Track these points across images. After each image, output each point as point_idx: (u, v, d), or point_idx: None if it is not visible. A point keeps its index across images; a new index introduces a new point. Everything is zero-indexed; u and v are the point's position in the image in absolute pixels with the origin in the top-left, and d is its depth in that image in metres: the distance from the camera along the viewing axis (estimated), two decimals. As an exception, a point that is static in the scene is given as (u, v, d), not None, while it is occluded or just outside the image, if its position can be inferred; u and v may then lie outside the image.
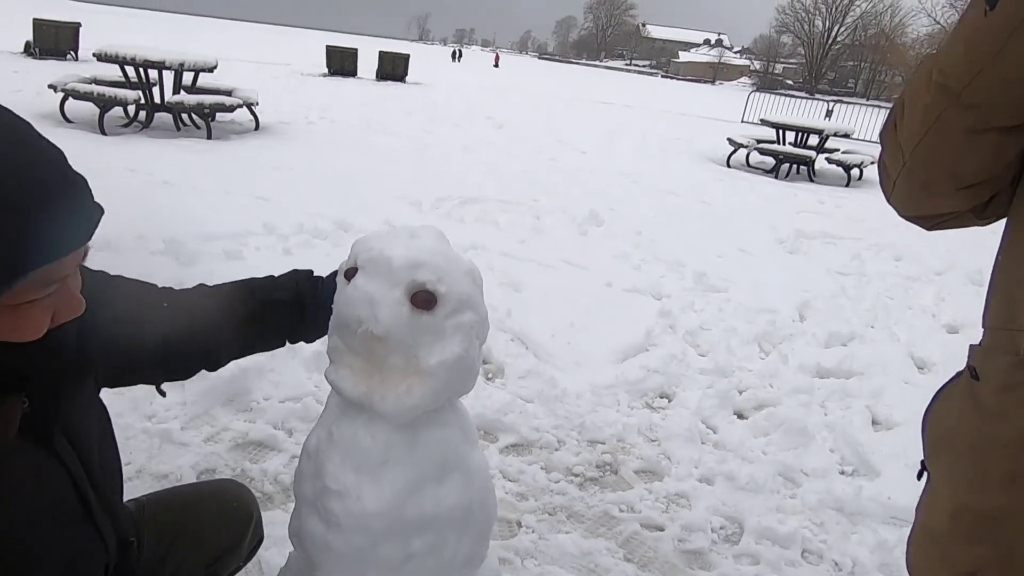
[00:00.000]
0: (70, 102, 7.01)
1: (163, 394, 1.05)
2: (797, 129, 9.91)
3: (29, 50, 13.47)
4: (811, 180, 9.44)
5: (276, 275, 1.07)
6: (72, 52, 13.78)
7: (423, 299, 0.86)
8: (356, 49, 17.95)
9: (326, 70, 17.51)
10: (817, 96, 34.92)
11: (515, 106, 15.31)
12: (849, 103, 21.43)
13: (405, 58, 18.37)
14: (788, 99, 20.50)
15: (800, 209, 7.16)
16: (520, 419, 2.55)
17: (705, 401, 2.83)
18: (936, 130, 0.76)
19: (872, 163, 9.66)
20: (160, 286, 1.01)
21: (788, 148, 9.74)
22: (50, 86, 7.03)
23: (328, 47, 17.90)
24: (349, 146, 7.58)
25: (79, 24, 14.23)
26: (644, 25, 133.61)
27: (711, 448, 2.57)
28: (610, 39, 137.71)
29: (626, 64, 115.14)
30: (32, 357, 0.67)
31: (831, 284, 4.55)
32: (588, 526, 2.09)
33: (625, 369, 3.01)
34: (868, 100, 41.93)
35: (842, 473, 2.52)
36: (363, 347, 0.89)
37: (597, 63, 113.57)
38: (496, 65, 45.62)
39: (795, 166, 9.81)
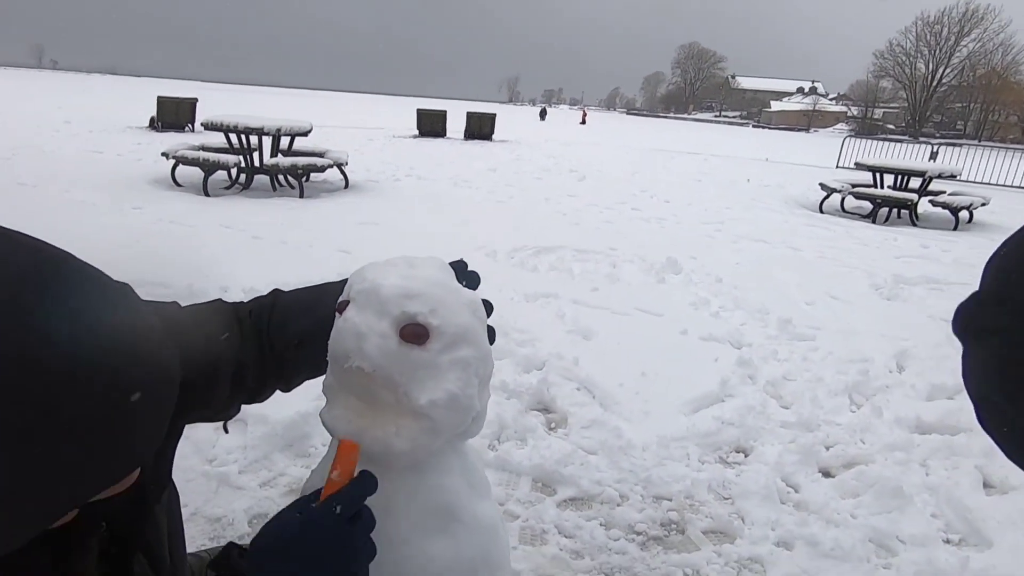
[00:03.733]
0: (180, 168, 7.62)
1: (227, 431, 1.00)
2: (896, 171, 9.39)
3: (153, 124, 14.86)
4: (913, 224, 8.87)
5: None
6: (190, 124, 15.09)
7: (412, 332, 0.81)
8: (445, 111, 18.71)
9: (417, 132, 18.31)
10: (922, 140, 33.25)
11: (599, 159, 15.38)
12: (958, 145, 20.24)
13: (492, 117, 18.94)
14: (887, 143, 19.57)
15: (900, 254, 6.70)
16: (581, 471, 2.43)
17: (786, 457, 2.61)
18: None
19: (983, 204, 8.99)
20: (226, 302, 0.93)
21: (886, 191, 9.23)
22: (163, 154, 7.67)
23: (419, 110, 18.76)
24: (432, 201, 7.80)
25: (196, 99, 15.61)
26: (734, 77, 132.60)
27: (791, 509, 2.34)
28: (699, 92, 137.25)
29: (715, 116, 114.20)
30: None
31: (935, 332, 4.17)
32: (648, 590, 1.93)
33: (697, 421, 2.83)
34: (980, 141, 39.51)
35: (946, 542, 2.23)
36: (354, 384, 0.85)
37: (685, 116, 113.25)
38: (583, 122, 46.19)
39: (895, 210, 9.27)
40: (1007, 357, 0.46)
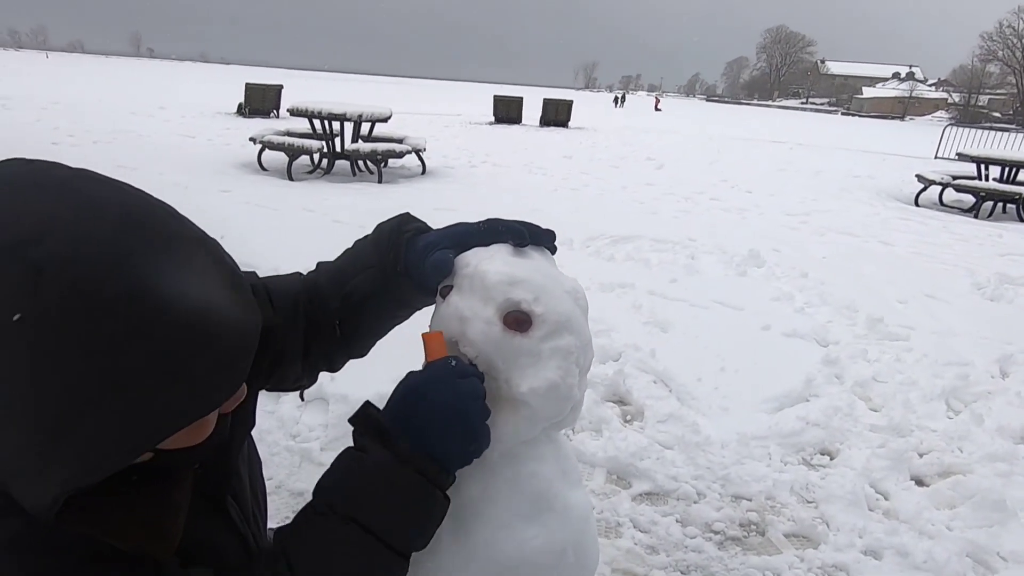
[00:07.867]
0: (266, 152, 7.90)
1: (303, 399, 1.03)
2: (1004, 163, 8.76)
3: (241, 110, 15.46)
4: (1021, 220, 8.26)
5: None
6: (275, 110, 15.63)
7: (516, 319, 0.80)
8: (521, 98, 18.68)
9: (493, 118, 18.37)
10: (1030, 128, 30.89)
11: (677, 147, 15.02)
12: (1072, 134, 18.70)
13: (568, 104, 18.78)
14: (993, 133, 18.29)
15: (1006, 251, 6.26)
16: (657, 465, 2.39)
17: (875, 462, 2.49)
18: None
19: (1101, 200, 8.29)
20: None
21: (992, 184, 8.63)
22: (251, 139, 7.98)
23: (495, 97, 18.79)
24: (507, 187, 7.81)
25: (281, 86, 16.14)
26: (823, 61, 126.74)
27: (880, 516, 2.23)
28: (784, 78, 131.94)
29: (802, 103, 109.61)
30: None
31: (1044, 337, 3.89)
32: (726, 591, 1.88)
33: (780, 419, 2.73)
34: (1098, 131, 36.43)
35: (1054, 563, 2.08)
36: (453, 368, 0.85)
37: (770, 103, 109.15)
38: (657, 108, 45.15)
39: (1000, 204, 8.66)
40: None
